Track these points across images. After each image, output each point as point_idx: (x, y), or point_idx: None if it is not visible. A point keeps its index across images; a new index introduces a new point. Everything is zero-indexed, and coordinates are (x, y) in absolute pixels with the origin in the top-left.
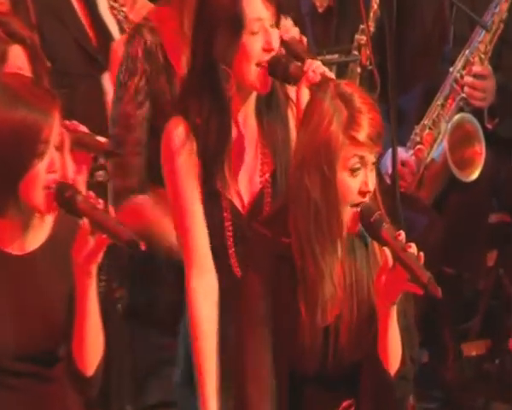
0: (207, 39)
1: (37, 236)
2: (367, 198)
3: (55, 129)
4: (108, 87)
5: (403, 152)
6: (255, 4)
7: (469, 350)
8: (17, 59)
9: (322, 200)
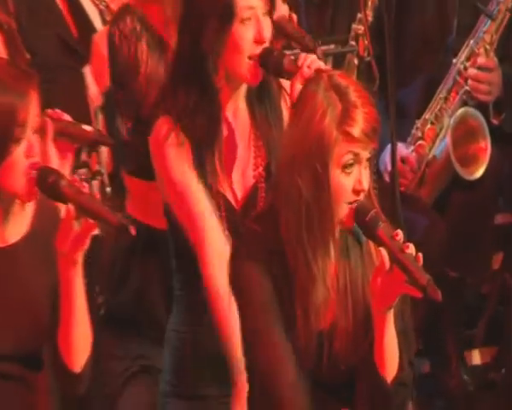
0: (196, 28)
1: (18, 227)
2: (361, 197)
3: (33, 111)
4: (90, 81)
5: (403, 148)
6: None
7: (474, 358)
8: None
9: (314, 199)
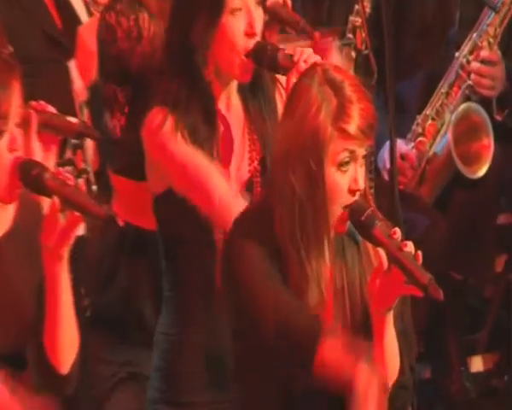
0: (185, 19)
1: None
2: (356, 196)
3: (15, 103)
4: (75, 75)
5: (403, 145)
6: None
7: (476, 365)
8: None
9: (307, 197)
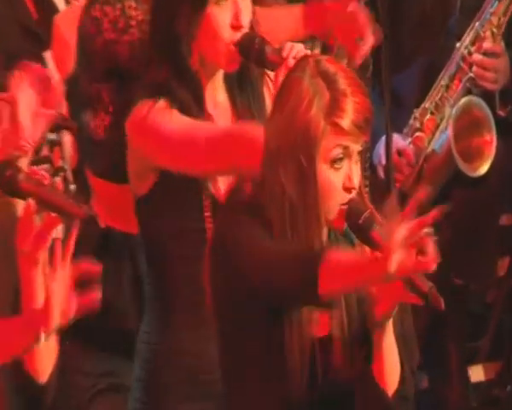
0: (169, 9)
1: None
2: (353, 194)
3: None
4: (51, 66)
5: (399, 140)
6: None
7: (477, 374)
8: None
9: (298, 196)
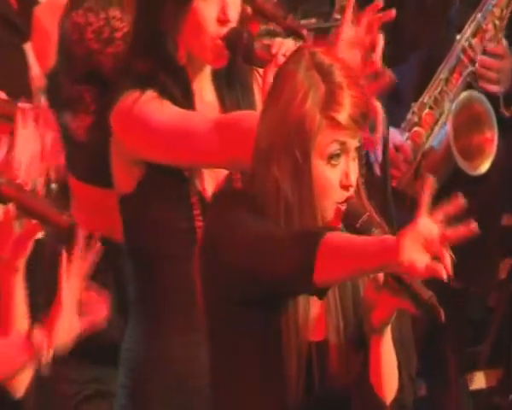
0: (154, 3)
1: None
2: (350, 192)
3: None
4: (32, 59)
5: (396, 135)
6: None
7: (477, 382)
8: None
9: (293, 193)
